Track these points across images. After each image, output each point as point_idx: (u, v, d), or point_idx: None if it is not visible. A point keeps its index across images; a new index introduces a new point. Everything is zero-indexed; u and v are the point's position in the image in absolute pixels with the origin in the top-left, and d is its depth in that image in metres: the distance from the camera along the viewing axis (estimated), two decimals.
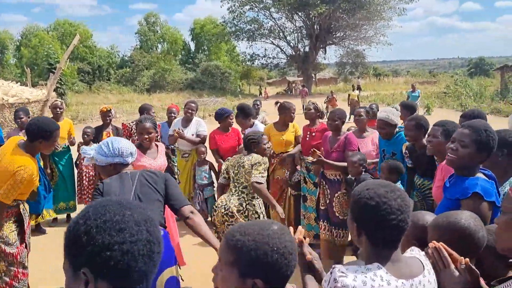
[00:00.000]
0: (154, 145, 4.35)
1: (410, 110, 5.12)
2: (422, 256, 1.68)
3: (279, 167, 5.58)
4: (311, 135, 5.30)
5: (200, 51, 55.41)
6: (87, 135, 6.48)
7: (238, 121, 5.73)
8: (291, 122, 5.62)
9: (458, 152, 2.47)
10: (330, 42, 46.40)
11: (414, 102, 6.38)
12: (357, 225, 1.60)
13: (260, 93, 42.42)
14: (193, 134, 6.25)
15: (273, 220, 1.45)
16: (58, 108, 6.66)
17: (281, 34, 46.47)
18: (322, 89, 47.64)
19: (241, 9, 44.59)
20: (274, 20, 45.94)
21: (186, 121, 6.36)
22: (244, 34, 45.71)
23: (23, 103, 6.98)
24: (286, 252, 1.32)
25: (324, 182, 4.93)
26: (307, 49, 46.18)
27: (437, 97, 29.08)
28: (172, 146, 6.56)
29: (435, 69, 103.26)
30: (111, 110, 6.79)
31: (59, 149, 6.40)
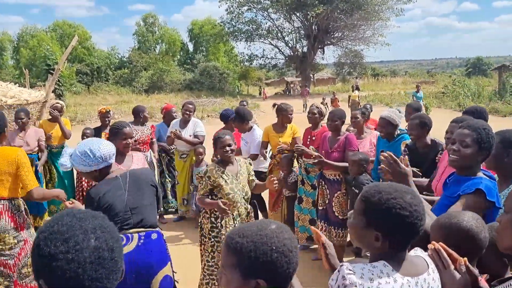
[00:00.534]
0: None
1: (417, 111, 5.13)
2: (426, 255, 1.69)
3: (277, 168, 5.58)
4: (311, 138, 5.32)
5: (198, 52, 55.37)
6: (86, 136, 6.47)
7: (235, 125, 5.70)
8: (289, 123, 5.63)
9: (460, 153, 2.47)
10: (328, 43, 46.43)
11: (420, 103, 6.36)
12: (379, 232, 1.55)
13: (259, 93, 42.41)
14: (190, 135, 6.23)
15: (271, 220, 1.46)
16: (58, 111, 6.66)
17: (279, 34, 46.49)
18: (321, 89, 47.71)
19: (239, 9, 44.59)
20: (272, 20, 46.00)
21: (184, 122, 6.36)
22: (242, 35, 45.70)
23: (22, 104, 6.95)
24: (285, 250, 1.33)
25: (323, 182, 4.94)
26: (305, 49, 46.20)
27: (435, 97, 29.13)
28: (170, 147, 6.58)
29: (433, 69, 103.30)
30: (109, 111, 6.78)
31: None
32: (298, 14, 43.98)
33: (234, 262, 1.35)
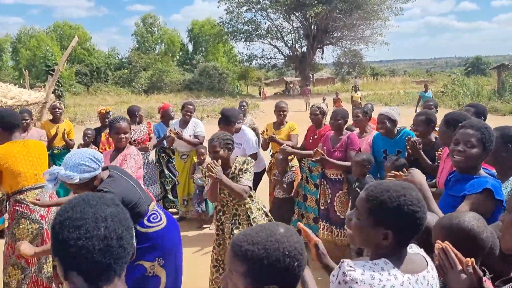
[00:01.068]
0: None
1: (435, 108, 5.23)
2: (422, 251, 1.70)
3: (276, 167, 5.59)
4: (314, 137, 5.34)
5: (198, 52, 55.35)
6: (88, 137, 6.47)
7: (221, 127, 5.38)
8: (281, 123, 5.76)
9: (466, 153, 2.47)
10: (328, 42, 46.44)
11: (436, 101, 6.31)
12: (389, 230, 1.55)
13: (259, 93, 42.40)
14: (190, 135, 6.21)
15: (277, 222, 1.43)
16: (57, 109, 6.67)
17: (278, 34, 46.48)
18: (320, 89, 47.71)
19: (238, 9, 44.58)
20: (271, 20, 45.98)
21: (184, 122, 6.35)
22: (241, 35, 45.69)
23: (22, 105, 6.95)
24: (297, 253, 1.31)
25: (325, 181, 4.95)
26: (305, 49, 46.21)
27: (434, 96, 29.09)
28: (170, 147, 6.57)
29: (432, 68, 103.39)
30: (109, 111, 6.79)
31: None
32: (297, 14, 43.96)
33: (244, 270, 1.31)
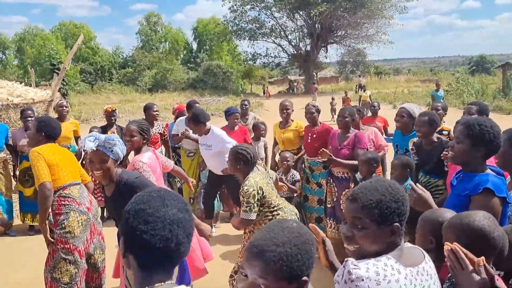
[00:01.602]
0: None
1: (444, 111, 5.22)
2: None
3: (281, 166, 5.59)
4: (312, 136, 5.33)
5: (202, 51, 55.39)
6: None
7: (190, 127, 5.48)
8: (286, 121, 5.78)
9: (454, 148, 2.50)
10: (332, 41, 46.40)
11: (445, 103, 6.29)
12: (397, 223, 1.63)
13: (263, 92, 42.41)
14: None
15: (280, 219, 1.45)
16: (64, 107, 6.71)
17: (282, 33, 46.47)
18: (324, 87, 47.65)
19: (242, 8, 44.61)
20: (275, 19, 45.98)
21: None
22: (245, 34, 45.71)
23: (28, 103, 6.98)
24: (313, 239, 1.40)
25: (331, 180, 4.95)
26: (309, 48, 46.18)
27: None
28: (176, 145, 6.60)
29: (436, 67, 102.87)
30: (115, 110, 6.82)
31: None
32: (301, 13, 43.95)
33: (278, 271, 1.29)
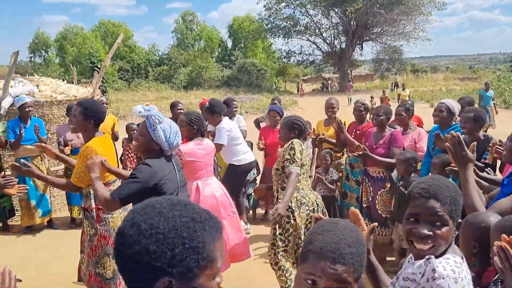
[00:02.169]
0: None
1: (469, 105, 5.17)
2: None
3: (320, 163, 5.57)
4: (356, 133, 5.28)
5: (237, 49, 55.71)
6: (133, 131, 6.68)
7: (206, 117, 5.49)
8: (330, 118, 5.65)
9: (506, 147, 2.47)
10: (367, 38, 45.77)
11: (472, 98, 6.10)
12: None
13: (297, 90, 42.33)
14: None
15: (331, 219, 1.42)
16: (104, 104, 6.91)
17: (317, 30, 46.17)
18: (358, 86, 47.09)
19: (277, 6, 44.57)
20: (310, 16, 45.71)
21: (228, 117, 6.47)
22: (280, 31, 45.68)
23: (71, 100, 7.21)
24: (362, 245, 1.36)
25: (367, 179, 4.90)
26: (344, 45, 45.74)
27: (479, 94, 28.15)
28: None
29: (476, 64, 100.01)
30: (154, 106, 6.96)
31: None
32: (336, 10, 43.55)
33: (355, 272, 1.26)
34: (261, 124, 7.13)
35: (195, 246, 1.01)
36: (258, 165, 6.46)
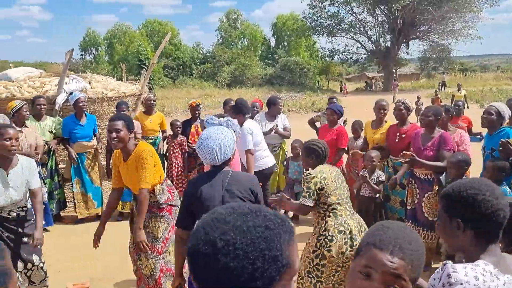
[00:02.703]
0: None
1: None
2: None
3: (364, 165, 5.49)
4: (400, 136, 5.15)
5: (280, 47, 55.68)
6: (176, 127, 6.83)
7: (230, 114, 5.35)
8: (381, 122, 5.62)
9: None
10: (414, 36, 44.66)
11: None
12: (463, 222, 1.59)
13: (340, 89, 41.87)
14: (281, 128, 6.42)
15: (388, 221, 1.44)
16: (152, 101, 7.11)
17: (362, 28, 45.48)
18: (404, 85, 46.01)
19: (321, 4, 44.22)
20: (355, 14, 45.07)
21: (271, 115, 6.52)
22: (324, 29, 45.30)
23: (120, 96, 7.44)
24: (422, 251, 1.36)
25: (413, 181, 4.78)
26: (389, 44, 44.82)
27: None
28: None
29: None
30: (199, 104, 7.09)
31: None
32: (382, 8, 42.76)
33: (408, 269, 1.25)
34: (316, 123, 7.13)
35: (274, 256, 0.96)
36: None
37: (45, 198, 5.94)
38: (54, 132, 6.40)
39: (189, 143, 6.81)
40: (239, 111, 5.29)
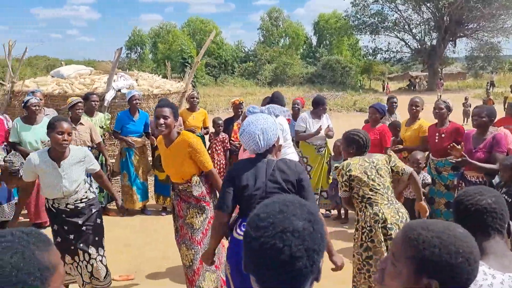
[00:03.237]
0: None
1: None
2: None
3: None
4: (440, 136, 5.05)
5: (322, 46, 55.24)
6: (220, 126, 6.93)
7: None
8: (414, 119, 5.59)
9: None
10: (461, 35, 43.21)
11: None
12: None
13: (383, 88, 41.11)
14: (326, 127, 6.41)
15: (456, 223, 1.33)
16: (195, 98, 7.24)
17: (406, 27, 44.41)
18: (449, 85, 44.64)
19: (364, 2, 43.52)
20: (399, 12, 44.08)
21: (317, 114, 6.51)
22: (367, 28, 44.57)
23: (165, 94, 7.63)
24: (471, 258, 1.21)
25: (463, 184, 4.66)
26: (435, 42, 43.57)
27: None
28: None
29: None
30: (242, 102, 7.17)
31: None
32: (428, 5, 41.62)
33: (410, 254, 1.25)
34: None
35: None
36: None
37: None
38: (104, 127, 6.66)
39: (231, 140, 6.90)
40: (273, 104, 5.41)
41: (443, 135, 5.02)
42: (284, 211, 1.14)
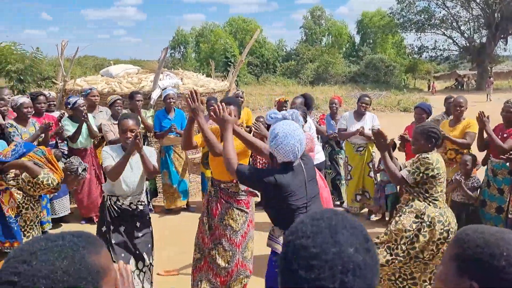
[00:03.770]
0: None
1: None
2: None
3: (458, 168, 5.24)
4: (502, 136, 4.86)
5: (365, 44, 54.40)
6: (263, 124, 6.94)
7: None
8: (457, 119, 5.38)
9: None
10: None
11: None
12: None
13: (428, 87, 40.00)
14: (369, 128, 6.23)
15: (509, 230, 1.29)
16: (240, 97, 7.29)
17: (454, 24, 43.03)
18: (500, 83, 42.94)
19: None
20: (447, 9, 42.76)
21: (359, 114, 6.42)
22: (412, 25, 43.49)
23: (209, 92, 7.73)
24: None
25: None
26: (484, 39, 42.01)
27: None
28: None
29: None
30: (287, 101, 7.17)
31: None
32: (478, 1, 40.18)
33: (454, 253, 1.24)
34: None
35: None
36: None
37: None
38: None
39: None
40: (309, 106, 5.60)
41: (505, 135, 4.84)
42: (337, 242, 0.98)
